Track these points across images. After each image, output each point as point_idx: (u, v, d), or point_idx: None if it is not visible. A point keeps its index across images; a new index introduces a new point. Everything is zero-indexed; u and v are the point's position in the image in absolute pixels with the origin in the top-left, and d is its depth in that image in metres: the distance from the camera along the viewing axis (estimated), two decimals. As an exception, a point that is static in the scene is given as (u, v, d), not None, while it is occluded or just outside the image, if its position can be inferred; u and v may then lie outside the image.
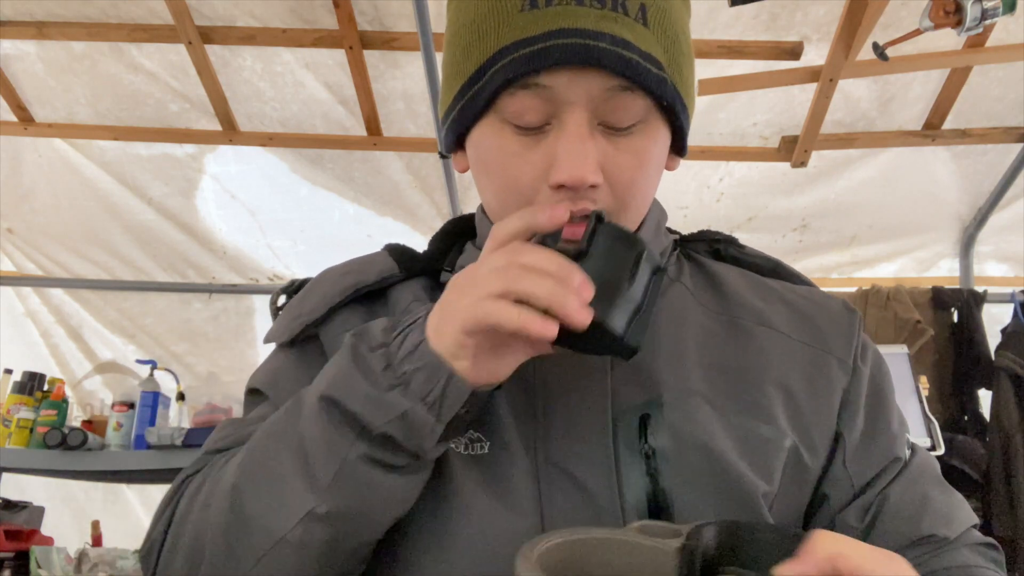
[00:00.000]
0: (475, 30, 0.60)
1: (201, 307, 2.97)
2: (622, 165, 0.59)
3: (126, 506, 3.03)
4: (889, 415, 0.67)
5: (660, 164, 0.63)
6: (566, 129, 0.57)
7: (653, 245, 0.66)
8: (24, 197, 2.77)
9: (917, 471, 0.66)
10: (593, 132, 0.58)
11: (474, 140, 0.63)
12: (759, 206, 2.75)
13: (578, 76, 0.56)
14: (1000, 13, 1.80)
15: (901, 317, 2.50)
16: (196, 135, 2.59)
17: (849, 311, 0.70)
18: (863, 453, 0.64)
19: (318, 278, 0.73)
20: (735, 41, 2.25)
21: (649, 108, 0.59)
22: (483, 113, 0.61)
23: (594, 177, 0.57)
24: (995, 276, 2.89)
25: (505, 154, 0.60)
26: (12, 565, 2.11)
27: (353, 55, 2.29)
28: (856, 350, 0.67)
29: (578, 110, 0.57)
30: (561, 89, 0.57)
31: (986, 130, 2.50)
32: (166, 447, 2.11)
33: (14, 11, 2.30)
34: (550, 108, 0.58)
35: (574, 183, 0.56)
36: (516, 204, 0.60)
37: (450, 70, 0.64)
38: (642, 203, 0.63)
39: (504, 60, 0.57)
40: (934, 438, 2.14)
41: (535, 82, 0.57)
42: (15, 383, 2.32)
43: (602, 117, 0.58)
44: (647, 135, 0.60)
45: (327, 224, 2.83)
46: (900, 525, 0.62)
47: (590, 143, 0.57)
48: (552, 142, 0.58)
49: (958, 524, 0.64)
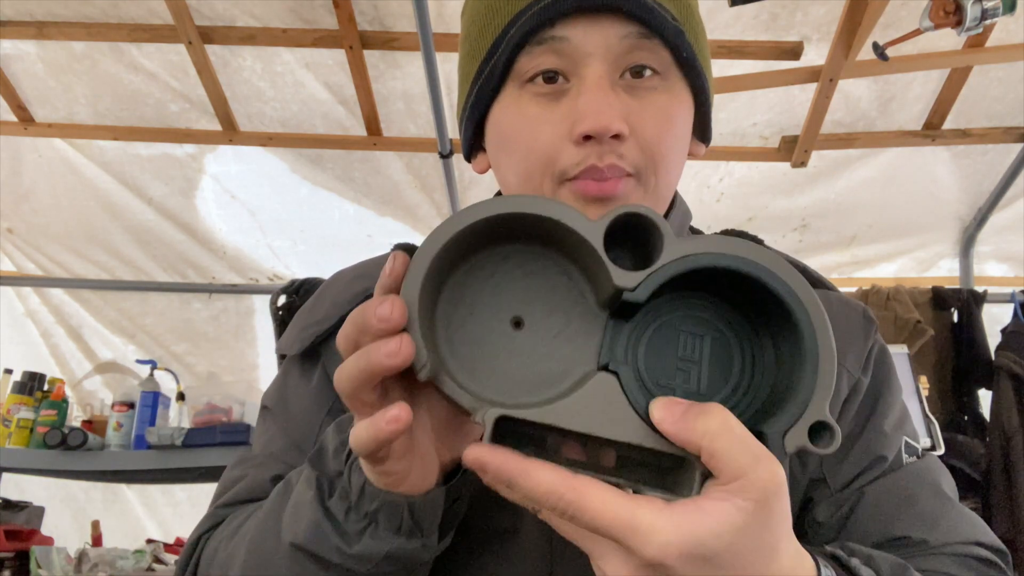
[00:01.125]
0: (490, 10, 0.60)
1: (201, 307, 2.97)
2: (647, 119, 0.57)
3: (126, 506, 3.03)
4: (883, 416, 0.64)
5: (685, 132, 0.61)
6: (587, 81, 0.56)
7: None
8: (24, 197, 2.77)
9: (912, 474, 0.63)
10: (615, 85, 0.57)
11: (494, 118, 0.62)
12: (759, 206, 2.75)
13: (594, 25, 0.56)
14: (1000, 13, 1.80)
15: (901, 317, 2.50)
16: (196, 135, 2.59)
17: (867, 320, 0.68)
18: (842, 454, 0.62)
19: (328, 284, 0.72)
20: (735, 41, 2.25)
21: (669, 63, 0.58)
22: (501, 86, 0.60)
23: (619, 125, 0.55)
24: (995, 276, 2.89)
25: (525, 119, 0.58)
26: (12, 565, 2.11)
27: (353, 55, 2.29)
28: (864, 360, 0.65)
29: (596, 62, 0.56)
30: (578, 40, 0.56)
31: (986, 130, 2.50)
32: (166, 447, 2.11)
33: (14, 11, 2.29)
34: (569, 64, 0.57)
35: (599, 131, 0.54)
36: (539, 169, 0.58)
37: (466, 60, 0.64)
38: (670, 169, 0.60)
39: (519, 22, 0.57)
40: (934, 438, 2.13)
41: (551, 35, 0.56)
42: (15, 383, 2.32)
43: (623, 67, 0.57)
44: (670, 92, 0.59)
45: (327, 224, 2.83)
46: (874, 523, 0.60)
47: (612, 94, 0.56)
48: (573, 98, 0.57)
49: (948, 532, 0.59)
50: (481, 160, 0.67)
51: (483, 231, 0.43)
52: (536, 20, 0.56)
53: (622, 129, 0.55)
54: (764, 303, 0.42)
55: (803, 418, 0.39)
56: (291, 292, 2.11)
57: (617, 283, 0.41)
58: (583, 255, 0.44)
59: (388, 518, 0.47)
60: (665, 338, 0.43)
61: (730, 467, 0.37)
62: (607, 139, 0.55)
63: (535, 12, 0.56)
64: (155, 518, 3.06)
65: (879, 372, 0.66)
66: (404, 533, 0.47)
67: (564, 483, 0.37)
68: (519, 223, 0.43)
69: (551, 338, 0.44)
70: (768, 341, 0.43)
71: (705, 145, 0.67)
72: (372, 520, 0.48)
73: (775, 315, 0.42)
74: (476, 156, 0.68)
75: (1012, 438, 2.31)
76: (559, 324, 0.44)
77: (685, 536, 0.36)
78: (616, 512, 0.36)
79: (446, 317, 0.44)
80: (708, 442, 0.37)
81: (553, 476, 0.37)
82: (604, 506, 0.36)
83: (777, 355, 0.43)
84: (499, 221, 0.43)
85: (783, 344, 0.43)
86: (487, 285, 0.44)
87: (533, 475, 0.37)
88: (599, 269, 0.42)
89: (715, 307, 0.44)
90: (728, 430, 0.37)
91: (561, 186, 0.58)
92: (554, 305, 0.44)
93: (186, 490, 3.03)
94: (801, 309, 0.41)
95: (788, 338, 0.42)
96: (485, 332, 0.44)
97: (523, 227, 0.44)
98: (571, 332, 0.44)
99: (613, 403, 0.40)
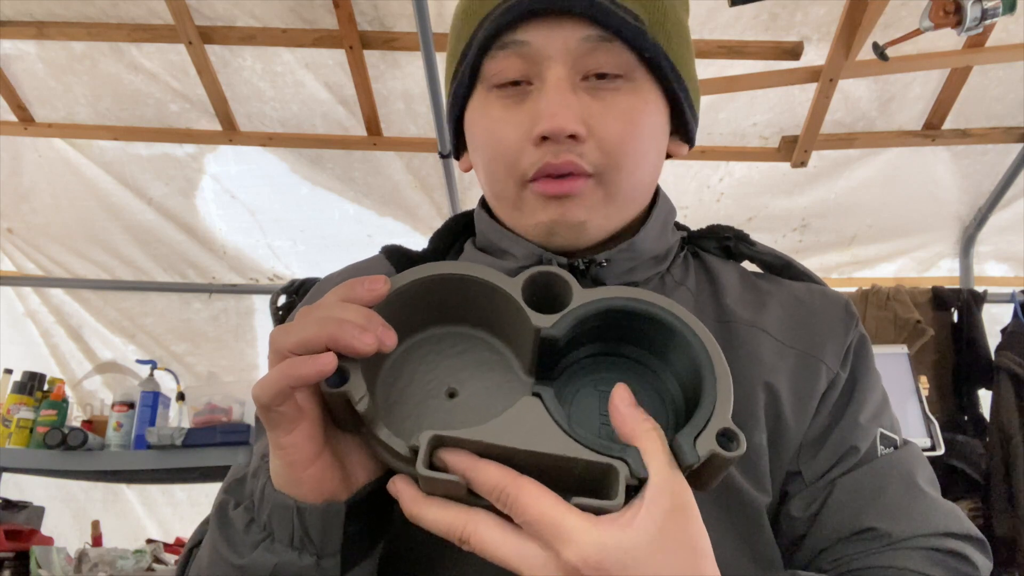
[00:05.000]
0: (465, 14, 0.62)
1: (201, 307, 2.97)
2: (608, 121, 0.58)
3: (126, 506, 3.03)
4: (858, 408, 0.63)
5: (654, 133, 0.62)
6: (547, 84, 0.58)
7: (658, 244, 0.66)
8: (24, 197, 2.77)
9: (885, 466, 0.61)
10: (576, 88, 0.58)
11: (467, 120, 0.64)
12: (759, 206, 2.75)
13: (554, 28, 0.57)
14: (1000, 13, 1.80)
15: (901, 317, 2.50)
16: (196, 135, 2.59)
17: (847, 314, 0.67)
18: (818, 447, 0.61)
19: (317, 287, 0.73)
20: (735, 41, 2.25)
21: (633, 64, 0.59)
22: (472, 88, 0.62)
23: (574, 126, 0.56)
24: (995, 276, 2.89)
25: (491, 120, 0.60)
26: (12, 565, 2.11)
27: (353, 55, 2.29)
28: (844, 354, 0.64)
29: (557, 64, 0.58)
30: (538, 43, 0.58)
31: (986, 130, 2.50)
32: (166, 447, 2.11)
33: (14, 11, 2.30)
34: (531, 67, 0.59)
35: (553, 132, 0.56)
36: (504, 169, 0.60)
37: (448, 62, 0.66)
38: (634, 170, 0.61)
39: (484, 25, 0.59)
40: (934, 438, 2.14)
41: (512, 39, 0.58)
42: (15, 383, 2.32)
43: (584, 70, 0.58)
44: (634, 93, 0.59)
45: (327, 224, 2.83)
46: (842, 517, 0.59)
47: (571, 96, 0.57)
48: (535, 100, 0.58)
49: (916, 523, 0.58)
50: (465, 159, 0.69)
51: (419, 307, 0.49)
52: (497, 24, 0.58)
53: (577, 130, 0.56)
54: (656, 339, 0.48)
55: (708, 426, 0.43)
56: (291, 292, 2.11)
57: (535, 323, 0.46)
58: (507, 325, 0.49)
59: (280, 524, 0.46)
60: (585, 397, 0.49)
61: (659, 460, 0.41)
62: (564, 139, 0.57)
63: (496, 16, 0.58)
64: (155, 518, 3.06)
65: (856, 363, 0.65)
66: (296, 546, 0.46)
67: (508, 478, 0.41)
68: (449, 297, 0.48)
69: (482, 403, 0.48)
70: (668, 375, 0.49)
71: (688, 145, 0.67)
72: (270, 532, 0.47)
73: (669, 347, 0.48)
74: (461, 155, 0.69)
75: (1012, 438, 2.31)
76: (490, 391, 0.48)
77: (602, 547, 0.39)
78: (547, 510, 0.40)
79: (385, 388, 0.48)
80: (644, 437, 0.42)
81: (501, 471, 0.41)
82: (539, 502, 0.40)
83: (679, 383, 0.48)
84: (430, 285, 0.48)
85: (680, 371, 0.48)
86: (423, 362, 0.49)
87: (483, 469, 0.42)
88: (522, 329, 0.47)
89: (618, 366, 0.50)
90: (659, 435, 0.43)
91: (524, 188, 0.60)
92: (484, 376, 0.49)
93: (186, 490, 3.03)
94: (692, 334, 0.47)
95: (684, 364, 0.47)
96: (421, 399, 0.48)
97: (454, 304, 0.49)
98: (501, 395, 0.48)
99: (539, 421, 0.44)
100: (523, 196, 0.60)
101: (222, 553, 0.48)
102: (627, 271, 0.64)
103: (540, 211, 0.60)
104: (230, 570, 0.48)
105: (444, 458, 0.42)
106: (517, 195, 0.61)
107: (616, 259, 0.63)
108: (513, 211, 0.62)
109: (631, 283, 0.65)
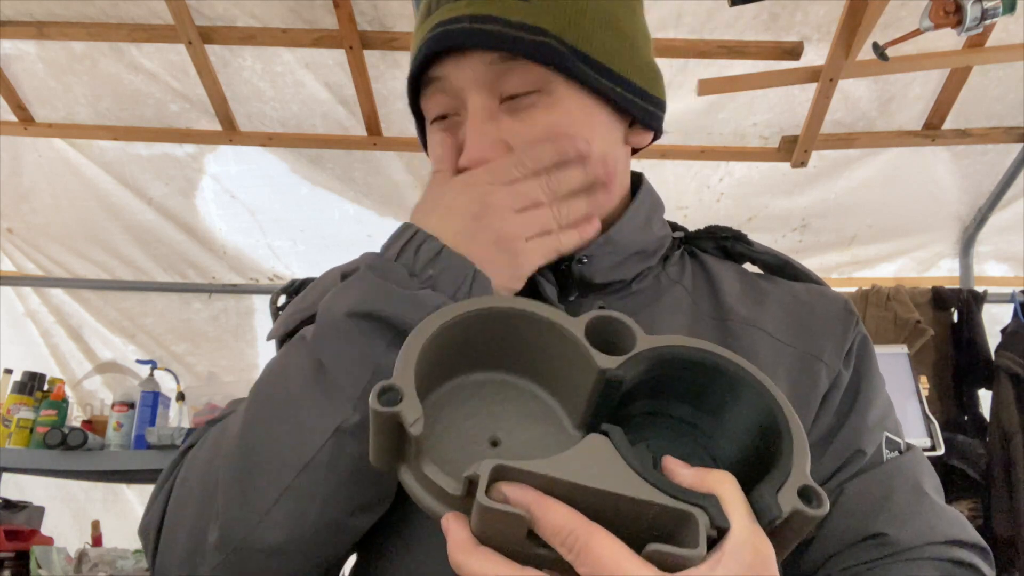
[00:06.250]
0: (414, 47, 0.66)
1: (201, 307, 2.97)
2: (531, 136, 0.59)
3: (126, 506, 3.03)
4: (863, 410, 0.63)
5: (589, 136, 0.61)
6: (469, 114, 0.60)
7: (640, 237, 0.66)
8: (24, 197, 2.77)
9: (892, 470, 0.61)
10: (496, 113, 0.60)
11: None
12: (759, 206, 2.75)
13: (460, 61, 0.60)
14: (1000, 13, 1.80)
15: (901, 317, 2.50)
16: (196, 135, 2.58)
17: (847, 313, 0.67)
18: (823, 448, 0.61)
19: (320, 277, 0.74)
20: (735, 41, 2.25)
21: (546, 77, 0.60)
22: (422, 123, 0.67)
23: (491, 153, 0.58)
24: (995, 276, 2.88)
25: (433, 150, 0.64)
26: (12, 565, 2.11)
27: (353, 55, 2.29)
28: (845, 354, 0.64)
29: (472, 94, 0.60)
30: (451, 77, 0.61)
31: (986, 130, 2.49)
32: (166, 447, 2.11)
33: (14, 11, 2.29)
34: (454, 100, 0.62)
35: (472, 164, 0.58)
36: None
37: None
38: None
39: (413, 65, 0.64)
40: (934, 438, 2.13)
41: (431, 76, 0.62)
42: (15, 383, 2.32)
43: (500, 93, 0.60)
44: (552, 106, 0.60)
45: (327, 224, 2.83)
46: (851, 521, 0.59)
47: (489, 123, 0.60)
48: (464, 129, 0.61)
49: (924, 531, 0.58)
50: None
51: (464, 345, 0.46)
52: (417, 65, 0.63)
53: (493, 157, 0.58)
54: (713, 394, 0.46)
55: (788, 483, 0.40)
56: (291, 292, 2.11)
57: (600, 364, 0.44)
58: (557, 372, 0.46)
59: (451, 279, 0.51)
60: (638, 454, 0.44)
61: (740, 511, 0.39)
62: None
63: (417, 57, 0.62)
64: (155, 518, 3.06)
65: (860, 365, 0.65)
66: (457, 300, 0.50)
67: (578, 522, 0.37)
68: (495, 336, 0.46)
69: (529, 455, 0.43)
70: (721, 436, 0.46)
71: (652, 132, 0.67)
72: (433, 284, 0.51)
73: (727, 403, 0.45)
74: None
75: (1012, 438, 2.31)
76: (536, 443, 0.45)
77: None
78: (622, 565, 0.36)
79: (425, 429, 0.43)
80: (720, 487, 0.39)
81: (570, 513, 0.37)
82: (612, 555, 0.36)
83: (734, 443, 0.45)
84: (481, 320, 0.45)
85: (735, 430, 0.45)
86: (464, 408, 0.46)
87: (553, 508, 0.37)
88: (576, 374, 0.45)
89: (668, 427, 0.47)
90: (737, 486, 0.40)
91: None
92: (530, 427, 0.46)
93: (186, 490, 3.02)
94: (762, 387, 0.44)
95: (742, 422, 0.45)
96: (463, 444, 0.45)
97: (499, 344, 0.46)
98: (549, 449, 0.44)
99: (610, 460, 0.40)
100: None
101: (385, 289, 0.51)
102: (613, 267, 0.64)
103: None
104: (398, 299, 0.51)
105: (506, 492, 0.38)
106: None
107: (596, 255, 0.63)
108: None
109: (620, 280, 0.64)
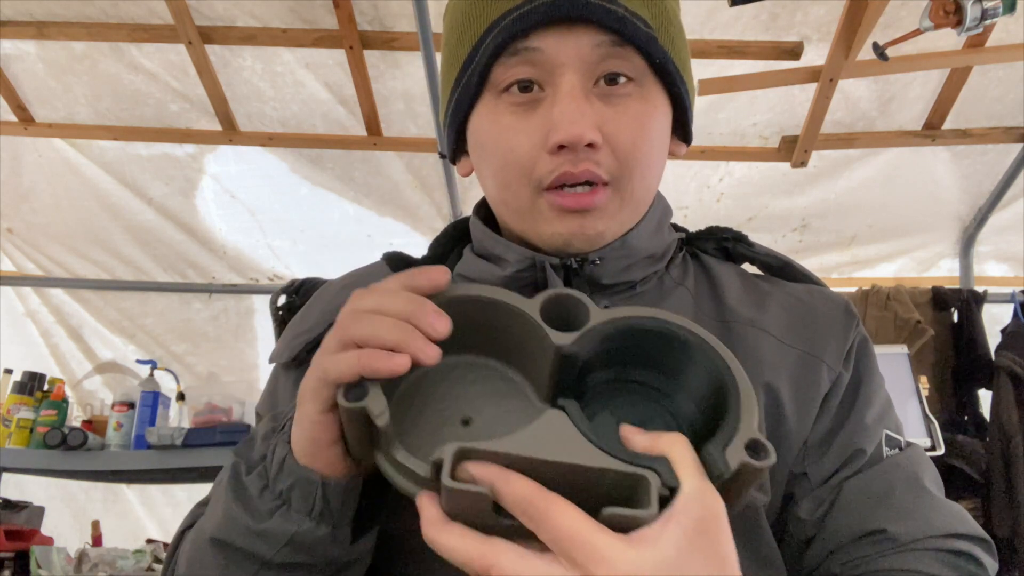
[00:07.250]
0: (466, 18, 0.61)
1: (201, 307, 2.97)
2: (621, 127, 0.58)
3: (126, 506, 3.03)
4: (863, 409, 0.63)
5: (662, 136, 0.62)
6: (560, 91, 0.57)
7: (652, 242, 0.66)
8: (24, 197, 2.77)
9: (891, 467, 0.61)
10: (588, 95, 0.58)
11: (473, 127, 0.63)
12: (759, 206, 2.75)
13: (566, 35, 0.57)
14: (1000, 13, 1.80)
15: (901, 317, 2.50)
16: (196, 135, 2.59)
17: (847, 314, 0.67)
18: (824, 448, 0.62)
19: (317, 294, 0.72)
20: (735, 41, 2.25)
21: (643, 70, 0.59)
22: (479, 95, 0.61)
23: (592, 134, 0.56)
24: (995, 276, 2.89)
25: (501, 129, 0.60)
26: (12, 565, 2.11)
27: (353, 55, 2.29)
28: (845, 355, 0.64)
29: (570, 72, 0.57)
30: (551, 50, 0.57)
31: (986, 130, 2.50)
32: (166, 447, 2.11)
33: (14, 11, 2.29)
34: (543, 74, 0.58)
35: (572, 141, 0.56)
36: (517, 178, 0.59)
37: (446, 67, 0.65)
38: (646, 174, 0.61)
39: (494, 31, 0.58)
40: (934, 438, 2.14)
41: (524, 46, 0.57)
42: (15, 383, 2.32)
43: (596, 75, 0.58)
44: (645, 99, 0.60)
45: (327, 224, 2.83)
46: (851, 518, 0.59)
47: (585, 104, 0.57)
48: (547, 108, 0.58)
49: (924, 525, 0.58)
50: (465, 164, 0.68)
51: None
52: (509, 31, 0.57)
53: (595, 138, 0.56)
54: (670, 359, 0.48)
55: (736, 439, 0.43)
56: (291, 292, 2.11)
57: (555, 341, 0.46)
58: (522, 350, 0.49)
59: (301, 496, 0.49)
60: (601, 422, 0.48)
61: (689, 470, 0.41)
62: (581, 148, 0.56)
63: (508, 23, 0.57)
64: (155, 518, 3.06)
65: (860, 365, 0.65)
66: (315, 517, 0.49)
67: (537, 493, 0.40)
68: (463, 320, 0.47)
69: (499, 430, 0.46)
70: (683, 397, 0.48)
71: (686, 144, 0.68)
72: (285, 501, 0.49)
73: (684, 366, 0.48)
74: (460, 159, 0.69)
75: (1012, 438, 2.31)
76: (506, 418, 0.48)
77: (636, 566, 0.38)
78: (578, 528, 0.39)
79: (397, 415, 0.47)
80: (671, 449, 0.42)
81: (529, 485, 0.40)
82: (569, 518, 0.39)
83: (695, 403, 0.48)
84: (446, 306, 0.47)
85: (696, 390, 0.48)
86: (436, 390, 0.49)
87: (512, 481, 0.40)
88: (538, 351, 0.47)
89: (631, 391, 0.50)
90: (687, 446, 0.43)
91: (539, 196, 0.60)
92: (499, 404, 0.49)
93: (186, 490, 3.02)
94: (710, 349, 0.47)
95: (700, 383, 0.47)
96: (435, 426, 0.48)
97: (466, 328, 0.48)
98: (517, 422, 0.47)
99: (566, 433, 0.43)
100: (537, 204, 0.60)
101: (236, 516, 0.50)
102: (623, 269, 0.64)
103: (557, 222, 0.60)
104: (245, 533, 0.50)
105: (470, 470, 0.41)
106: (531, 203, 0.60)
107: (609, 257, 0.63)
108: (524, 218, 0.62)
109: (627, 282, 0.65)
